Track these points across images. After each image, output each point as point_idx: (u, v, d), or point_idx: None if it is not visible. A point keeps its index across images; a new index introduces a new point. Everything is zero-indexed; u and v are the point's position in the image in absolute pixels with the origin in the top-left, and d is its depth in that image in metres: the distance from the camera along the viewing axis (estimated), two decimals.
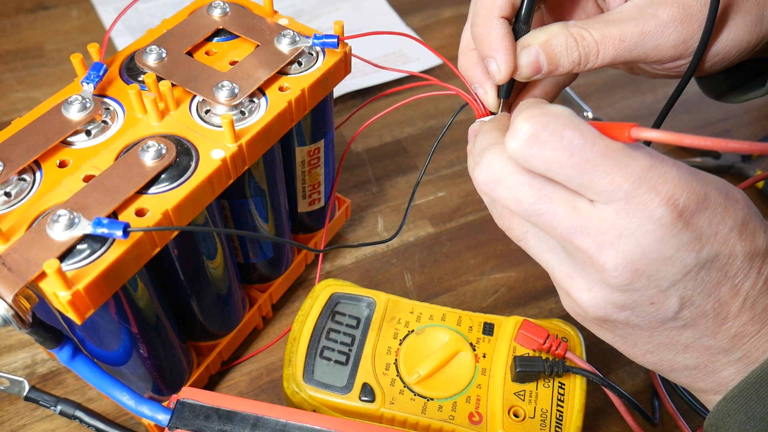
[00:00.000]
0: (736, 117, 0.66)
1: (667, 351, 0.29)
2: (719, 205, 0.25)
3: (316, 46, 0.40)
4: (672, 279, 0.25)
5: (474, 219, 0.56)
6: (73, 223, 0.29)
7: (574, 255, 0.27)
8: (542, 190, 0.26)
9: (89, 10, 0.74)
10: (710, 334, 0.27)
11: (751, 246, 0.26)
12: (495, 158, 0.27)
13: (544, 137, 0.25)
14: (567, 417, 0.38)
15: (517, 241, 0.30)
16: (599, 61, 0.32)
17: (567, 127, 0.25)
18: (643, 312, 0.27)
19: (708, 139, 0.23)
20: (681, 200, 0.24)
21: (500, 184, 0.27)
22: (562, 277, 0.28)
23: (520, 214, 0.27)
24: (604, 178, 0.25)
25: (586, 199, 0.26)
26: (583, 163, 0.25)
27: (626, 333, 0.29)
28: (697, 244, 0.25)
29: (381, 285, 0.52)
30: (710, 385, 0.29)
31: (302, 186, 0.47)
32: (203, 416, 0.33)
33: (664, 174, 0.25)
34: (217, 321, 0.44)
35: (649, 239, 0.25)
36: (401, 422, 0.38)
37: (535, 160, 0.25)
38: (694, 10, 0.31)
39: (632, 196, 0.24)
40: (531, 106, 0.26)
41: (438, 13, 0.77)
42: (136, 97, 0.35)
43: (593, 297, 0.27)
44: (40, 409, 0.44)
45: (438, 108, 0.66)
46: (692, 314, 0.27)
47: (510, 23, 0.32)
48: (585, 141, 0.25)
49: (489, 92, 0.35)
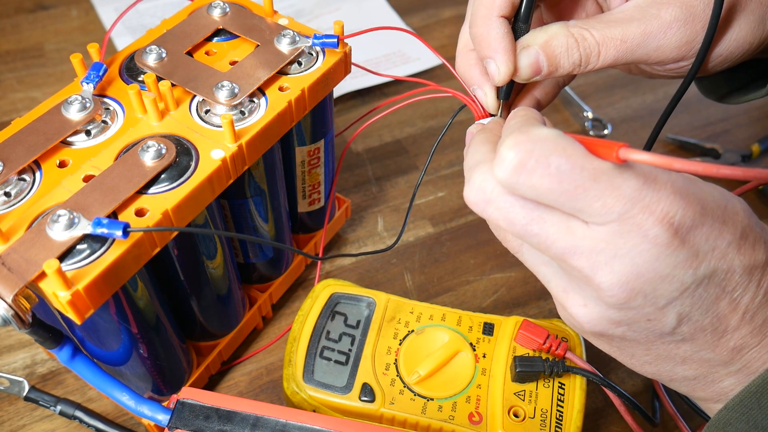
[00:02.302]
0: (736, 117, 0.66)
1: (665, 363, 0.28)
2: (717, 219, 0.25)
3: (316, 46, 0.40)
4: (669, 297, 0.25)
5: (474, 219, 0.56)
6: (72, 223, 0.29)
7: (569, 273, 0.27)
8: (534, 211, 0.26)
9: (89, 10, 0.74)
10: (709, 348, 0.27)
11: (750, 259, 0.25)
12: (485, 178, 0.27)
13: (531, 165, 0.24)
14: (567, 417, 0.38)
15: (514, 252, 0.30)
16: (600, 62, 0.31)
17: (553, 152, 0.24)
18: (639, 328, 0.27)
19: (699, 165, 0.23)
20: (677, 218, 0.24)
21: (491, 205, 0.27)
22: (558, 291, 0.28)
23: (513, 233, 0.27)
24: (595, 201, 0.24)
25: (579, 220, 0.25)
26: (573, 189, 0.24)
27: (623, 346, 0.29)
28: (694, 262, 0.25)
29: (381, 285, 0.52)
30: (710, 395, 0.29)
31: (302, 186, 0.47)
32: (203, 416, 0.33)
33: (658, 192, 0.24)
34: (217, 321, 0.44)
35: (645, 259, 0.24)
36: (401, 422, 0.38)
37: (523, 188, 0.25)
38: (697, 11, 0.31)
39: (626, 217, 0.24)
40: (515, 131, 0.25)
41: (438, 13, 0.77)
42: (136, 97, 0.35)
43: (589, 313, 0.27)
44: (40, 409, 0.44)
45: (438, 108, 0.66)
46: (690, 329, 0.26)
47: (509, 22, 0.32)
48: (572, 166, 0.24)
49: (488, 94, 0.34)
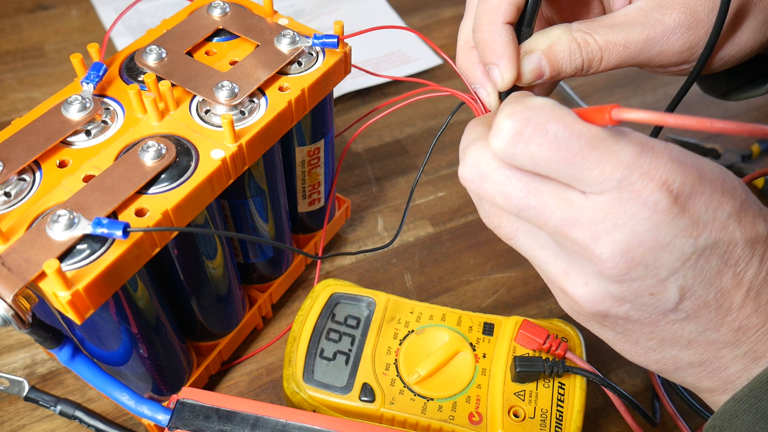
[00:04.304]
0: (736, 117, 0.66)
1: (670, 347, 0.28)
2: (716, 190, 0.25)
3: (316, 46, 0.39)
4: (670, 267, 0.25)
5: (474, 219, 0.56)
6: (72, 223, 0.29)
7: (568, 248, 0.26)
8: (532, 183, 0.26)
9: (89, 10, 0.74)
10: (714, 327, 0.26)
11: (752, 232, 0.25)
12: (480, 153, 0.27)
13: (528, 133, 0.24)
14: (567, 417, 0.38)
15: (508, 239, 0.29)
16: (602, 67, 0.31)
17: (550, 119, 0.24)
18: (642, 304, 0.26)
19: (692, 119, 0.22)
20: (676, 184, 0.24)
21: (487, 180, 0.26)
22: (558, 273, 0.27)
23: (510, 209, 0.26)
24: (594, 169, 0.24)
25: (577, 190, 0.25)
26: (571, 156, 0.24)
27: (627, 330, 0.28)
28: (694, 231, 0.24)
29: (381, 285, 0.52)
30: (716, 384, 0.28)
31: (302, 186, 0.47)
32: (203, 416, 0.33)
33: (656, 158, 0.24)
34: (217, 321, 0.44)
35: (645, 226, 0.24)
36: (401, 422, 0.38)
37: (521, 157, 0.25)
38: (701, 16, 0.30)
39: (624, 184, 0.24)
40: (512, 102, 0.25)
41: (438, 13, 0.77)
42: (135, 97, 0.35)
43: (590, 291, 0.26)
44: (40, 409, 0.44)
45: (438, 108, 0.66)
46: (694, 305, 0.26)
47: (513, 28, 0.31)
48: (570, 133, 0.24)
49: (491, 94, 0.34)
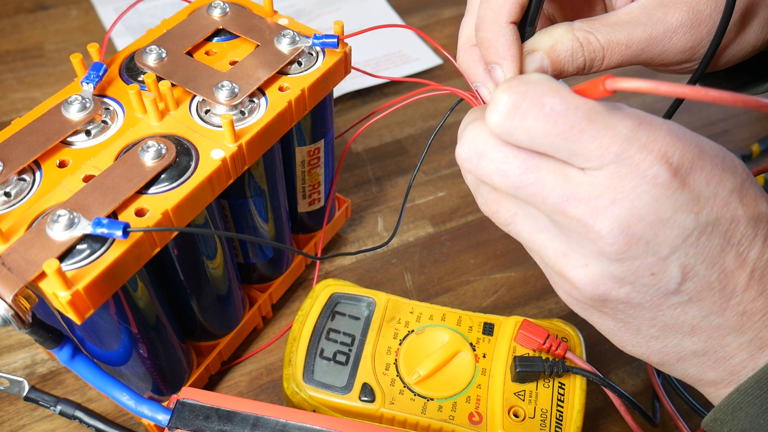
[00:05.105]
0: (736, 117, 0.66)
1: (672, 335, 0.27)
2: (716, 166, 0.24)
3: (316, 46, 0.40)
4: (671, 244, 0.24)
5: (474, 219, 0.56)
6: (72, 223, 0.29)
7: (567, 228, 0.25)
8: (529, 160, 0.25)
9: (89, 10, 0.74)
10: (718, 311, 0.26)
11: (754, 210, 0.24)
12: (477, 132, 0.26)
13: (525, 107, 0.24)
14: (567, 417, 0.38)
15: (506, 225, 0.29)
16: (604, 66, 0.31)
17: (547, 93, 0.24)
18: (643, 285, 0.25)
19: (686, 87, 0.22)
20: (675, 157, 0.23)
21: (484, 158, 0.26)
22: (557, 257, 0.27)
23: (507, 188, 0.26)
24: (591, 142, 0.24)
25: (575, 167, 0.25)
26: (568, 129, 0.24)
27: (628, 317, 0.27)
28: (695, 206, 0.24)
29: (381, 285, 0.52)
30: (721, 375, 0.27)
31: (302, 186, 0.47)
32: (203, 416, 0.33)
33: (654, 131, 0.24)
34: (217, 321, 0.44)
35: (645, 201, 0.23)
36: (401, 422, 0.38)
37: (518, 132, 0.24)
38: (704, 15, 0.30)
39: (623, 157, 0.23)
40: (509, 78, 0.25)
41: (438, 13, 0.77)
42: (135, 97, 0.35)
43: (590, 272, 0.26)
44: (40, 409, 0.44)
45: (438, 108, 0.66)
46: (696, 286, 0.25)
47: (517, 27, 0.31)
48: (567, 106, 0.24)
49: (493, 93, 0.33)
